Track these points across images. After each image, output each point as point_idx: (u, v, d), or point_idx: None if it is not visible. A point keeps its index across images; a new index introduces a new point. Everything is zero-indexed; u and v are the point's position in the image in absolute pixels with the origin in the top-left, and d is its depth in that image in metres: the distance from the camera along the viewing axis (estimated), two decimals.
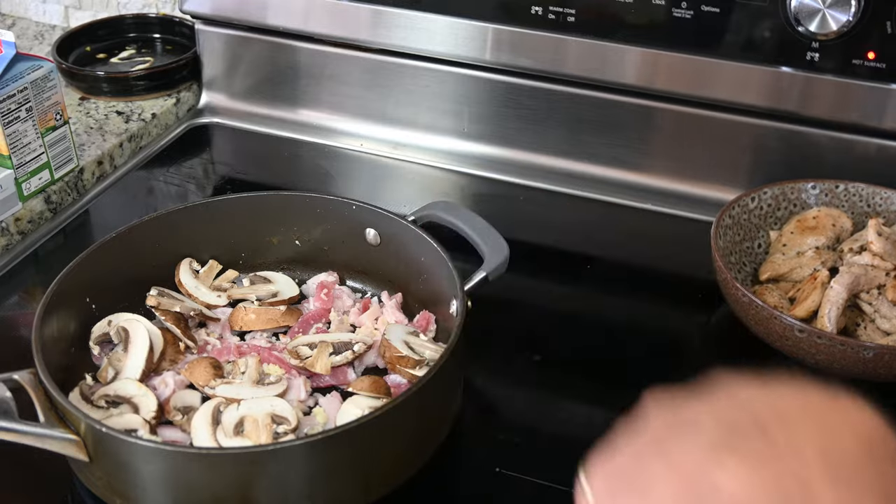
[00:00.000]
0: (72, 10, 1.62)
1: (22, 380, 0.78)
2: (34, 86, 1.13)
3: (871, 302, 0.97)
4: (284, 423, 0.82)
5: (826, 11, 1.07)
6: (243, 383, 0.87)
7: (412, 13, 1.26)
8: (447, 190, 1.30)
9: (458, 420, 0.89)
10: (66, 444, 0.76)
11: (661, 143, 1.25)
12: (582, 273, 1.13)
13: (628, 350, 1.01)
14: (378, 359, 0.93)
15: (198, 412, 0.84)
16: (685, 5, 1.13)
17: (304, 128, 1.39)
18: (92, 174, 1.26)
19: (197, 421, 0.83)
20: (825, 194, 1.10)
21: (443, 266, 0.92)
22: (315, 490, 0.77)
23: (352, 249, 1.03)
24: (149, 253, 0.98)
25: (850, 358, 0.89)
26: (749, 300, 0.93)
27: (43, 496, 0.85)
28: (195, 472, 0.75)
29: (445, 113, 1.33)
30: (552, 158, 1.29)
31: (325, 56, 1.35)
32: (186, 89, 1.43)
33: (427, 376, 0.79)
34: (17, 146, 1.13)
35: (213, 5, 1.36)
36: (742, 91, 1.16)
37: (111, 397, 0.86)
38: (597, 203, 1.25)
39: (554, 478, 0.84)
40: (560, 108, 1.27)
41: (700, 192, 1.24)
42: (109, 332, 0.92)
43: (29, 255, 1.13)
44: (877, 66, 1.10)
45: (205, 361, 0.90)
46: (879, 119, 1.13)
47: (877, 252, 1.00)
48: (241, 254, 1.04)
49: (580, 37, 1.19)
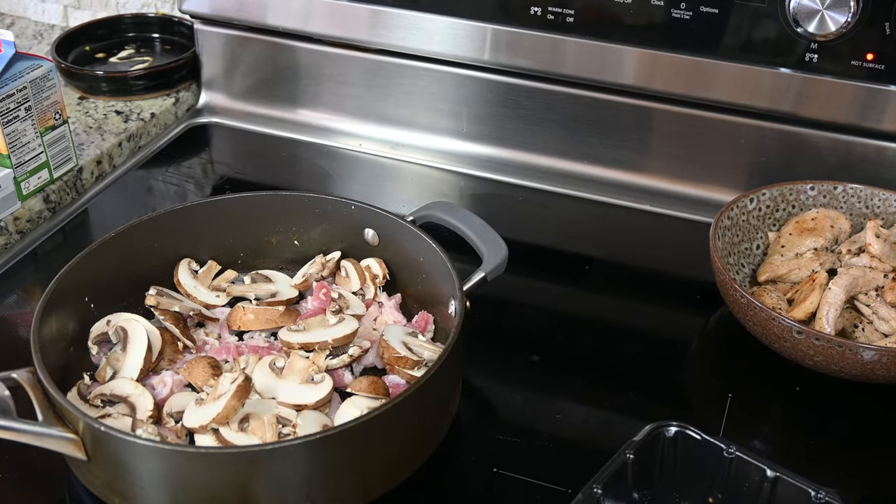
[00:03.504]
0: (71, 9, 1.62)
1: (20, 378, 0.78)
2: (33, 85, 1.13)
3: (870, 304, 0.97)
4: (289, 426, 0.83)
5: (825, 12, 1.07)
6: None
7: (411, 13, 1.26)
8: (446, 190, 1.30)
9: (456, 420, 0.89)
10: (64, 442, 0.76)
11: (660, 144, 1.25)
12: (580, 274, 1.13)
13: (626, 351, 1.01)
14: (377, 359, 0.94)
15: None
16: (684, 6, 1.13)
17: (304, 128, 1.39)
18: (91, 173, 1.26)
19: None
20: (823, 196, 1.10)
21: (441, 266, 0.92)
22: (313, 490, 0.77)
23: (351, 249, 1.03)
24: (147, 252, 0.98)
25: (848, 359, 0.89)
26: (747, 301, 0.93)
27: (41, 495, 0.85)
28: (194, 472, 0.75)
29: (444, 113, 1.33)
30: (551, 159, 1.30)
31: (325, 56, 1.35)
32: (185, 89, 1.43)
33: (425, 377, 0.79)
34: (16, 145, 1.13)
35: (212, 5, 1.36)
36: (741, 92, 1.16)
37: (107, 396, 0.86)
38: (595, 204, 1.25)
39: (552, 478, 0.84)
40: (558, 109, 1.27)
41: (698, 193, 1.24)
42: (108, 332, 0.92)
43: (28, 255, 1.13)
44: (875, 67, 1.10)
45: (203, 361, 0.90)
46: (878, 120, 1.13)
47: (875, 254, 1.00)
48: (239, 254, 1.04)
49: (579, 37, 1.19)
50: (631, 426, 0.83)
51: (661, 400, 0.95)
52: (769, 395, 0.96)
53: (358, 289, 1.00)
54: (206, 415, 0.81)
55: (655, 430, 0.81)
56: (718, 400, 0.94)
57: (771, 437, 0.93)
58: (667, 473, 0.81)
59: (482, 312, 0.95)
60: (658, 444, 0.81)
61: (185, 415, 0.83)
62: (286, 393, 0.86)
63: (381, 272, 1.01)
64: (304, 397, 0.85)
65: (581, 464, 0.84)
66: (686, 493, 0.81)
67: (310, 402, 0.85)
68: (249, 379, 0.83)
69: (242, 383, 0.81)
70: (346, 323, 0.92)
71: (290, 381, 0.86)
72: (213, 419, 0.80)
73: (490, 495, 0.84)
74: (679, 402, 0.96)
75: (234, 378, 0.82)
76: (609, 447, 0.81)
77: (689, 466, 0.80)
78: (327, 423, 0.84)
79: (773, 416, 0.95)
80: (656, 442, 0.80)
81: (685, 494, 0.81)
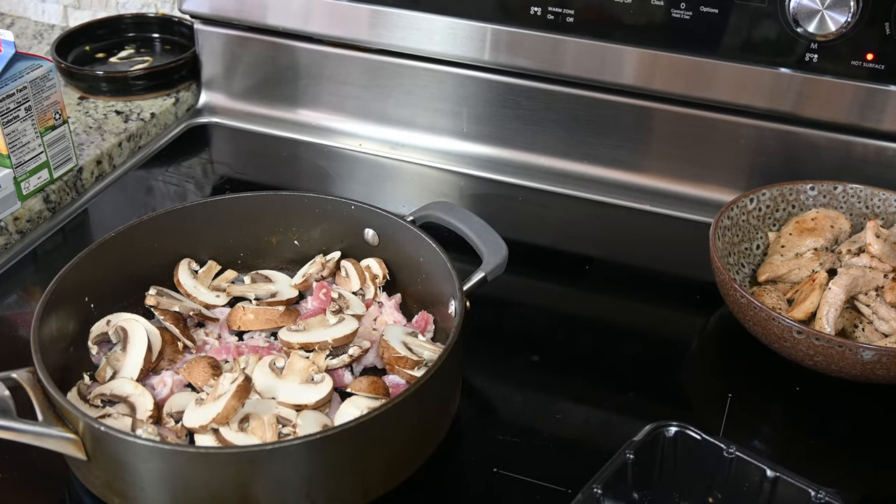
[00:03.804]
0: (71, 9, 1.62)
1: (20, 378, 0.78)
2: (33, 85, 1.13)
3: (870, 304, 0.97)
4: (289, 426, 0.83)
5: (825, 12, 1.07)
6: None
7: (411, 13, 1.26)
8: (446, 190, 1.30)
9: (456, 420, 0.89)
10: (64, 442, 0.76)
11: (660, 144, 1.25)
12: (580, 274, 1.13)
13: (626, 351, 1.01)
14: (377, 359, 0.94)
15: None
16: (684, 6, 1.13)
17: (303, 128, 1.39)
18: (91, 173, 1.26)
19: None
20: (823, 196, 1.10)
21: (441, 266, 0.92)
22: (313, 490, 0.77)
23: (351, 249, 1.03)
24: (147, 252, 0.98)
25: (848, 360, 0.89)
26: (747, 301, 0.93)
27: (41, 495, 0.85)
28: (193, 472, 0.75)
29: (444, 113, 1.33)
30: (550, 159, 1.30)
31: (325, 56, 1.35)
32: (185, 89, 1.43)
33: (425, 377, 0.79)
34: (16, 145, 1.13)
35: (212, 5, 1.36)
36: (741, 92, 1.16)
37: (107, 396, 0.86)
38: (595, 203, 1.25)
39: (552, 478, 0.84)
40: (558, 109, 1.27)
41: (698, 193, 1.24)
42: (108, 332, 0.92)
43: (28, 255, 1.13)
44: (875, 67, 1.10)
45: (203, 361, 0.90)
46: (878, 120, 1.13)
47: (875, 254, 1.00)
48: (239, 254, 1.04)
49: (579, 37, 1.19)
50: (631, 426, 0.83)
51: (661, 400, 0.95)
52: (769, 395, 0.96)
53: (358, 289, 1.00)
54: (206, 415, 0.81)
55: (655, 430, 0.81)
56: (718, 400, 0.94)
57: (771, 437, 0.93)
58: (667, 473, 0.81)
59: (482, 312, 0.95)
60: (658, 444, 0.81)
61: (185, 415, 0.83)
62: (286, 393, 0.86)
63: (381, 272, 1.01)
64: (304, 397, 0.85)
65: (581, 464, 0.84)
66: (686, 493, 0.81)
67: (310, 402, 0.85)
68: (249, 379, 0.83)
69: (242, 383, 0.81)
70: (346, 323, 0.92)
71: (289, 381, 0.86)
72: (213, 419, 0.80)
73: (490, 495, 0.84)
74: (679, 402, 0.96)
75: (234, 378, 0.82)
76: (609, 447, 0.81)
77: (689, 466, 0.80)
78: (327, 423, 0.84)
79: (773, 416, 0.95)
80: (656, 442, 0.80)
81: (685, 494, 0.81)
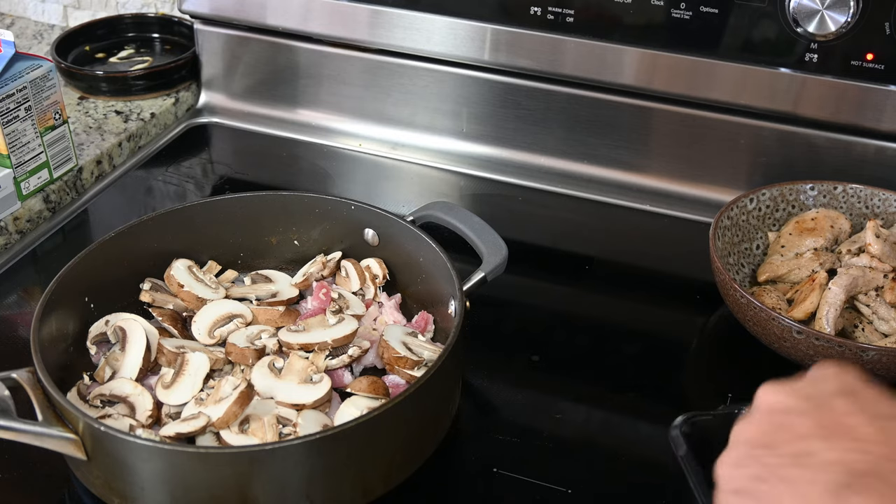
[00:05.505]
0: (71, 9, 1.62)
1: (20, 378, 0.78)
2: (33, 85, 1.13)
3: (870, 304, 0.97)
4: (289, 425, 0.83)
5: (825, 12, 1.07)
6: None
7: (411, 13, 1.26)
8: (446, 190, 1.30)
9: (456, 420, 0.89)
10: (63, 442, 0.76)
11: (660, 144, 1.25)
12: (580, 273, 1.13)
13: (626, 351, 1.01)
14: (377, 359, 0.94)
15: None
16: (684, 6, 1.13)
17: (303, 128, 1.39)
18: (91, 173, 1.26)
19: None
20: (823, 196, 1.10)
21: (441, 266, 0.92)
22: (313, 490, 0.77)
23: (351, 249, 1.03)
24: (147, 253, 0.98)
25: (848, 360, 0.89)
26: (747, 301, 0.93)
27: (41, 495, 0.84)
28: (193, 471, 0.75)
29: (444, 113, 1.33)
30: (550, 159, 1.30)
31: (324, 56, 1.35)
32: (185, 89, 1.43)
33: (425, 377, 0.79)
34: (15, 145, 1.13)
35: (212, 5, 1.36)
36: (741, 92, 1.16)
37: (107, 396, 0.86)
38: (595, 203, 1.25)
39: (552, 478, 0.84)
40: (558, 109, 1.27)
41: (698, 193, 1.24)
42: (107, 332, 0.92)
43: (27, 255, 1.13)
44: (875, 67, 1.10)
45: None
46: (878, 120, 1.13)
47: (875, 254, 1.00)
48: (239, 254, 1.04)
49: (579, 37, 1.20)
50: (631, 426, 0.83)
51: (661, 400, 0.95)
52: None
53: (358, 289, 1.00)
54: (185, 398, 0.85)
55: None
56: (718, 400, 0.94)
57: None
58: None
59: (482, 312, 0.95)
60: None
61: (159, 392, 0.86)
62: (284, 393, 0.86)
63: (381, 272, 1.01)
64: (302, 397, 0.85)
65: (581, 464, 0.84)
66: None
67: (308, 401, 0.85)
68: (252, 386, 0.83)
69: (245, 390, 0.81)
70: (346, 323, 0.92)
71: (288, 382, 0.86)
72: (213, 423, 0.80)
73: (490, 495, 0.84)
74: (679, 402, 0.96)
75: (237, 384, 0.82)
76: (609, 447, 0.81)
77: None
78: (327, 423, 0.84)
79: None
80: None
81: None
